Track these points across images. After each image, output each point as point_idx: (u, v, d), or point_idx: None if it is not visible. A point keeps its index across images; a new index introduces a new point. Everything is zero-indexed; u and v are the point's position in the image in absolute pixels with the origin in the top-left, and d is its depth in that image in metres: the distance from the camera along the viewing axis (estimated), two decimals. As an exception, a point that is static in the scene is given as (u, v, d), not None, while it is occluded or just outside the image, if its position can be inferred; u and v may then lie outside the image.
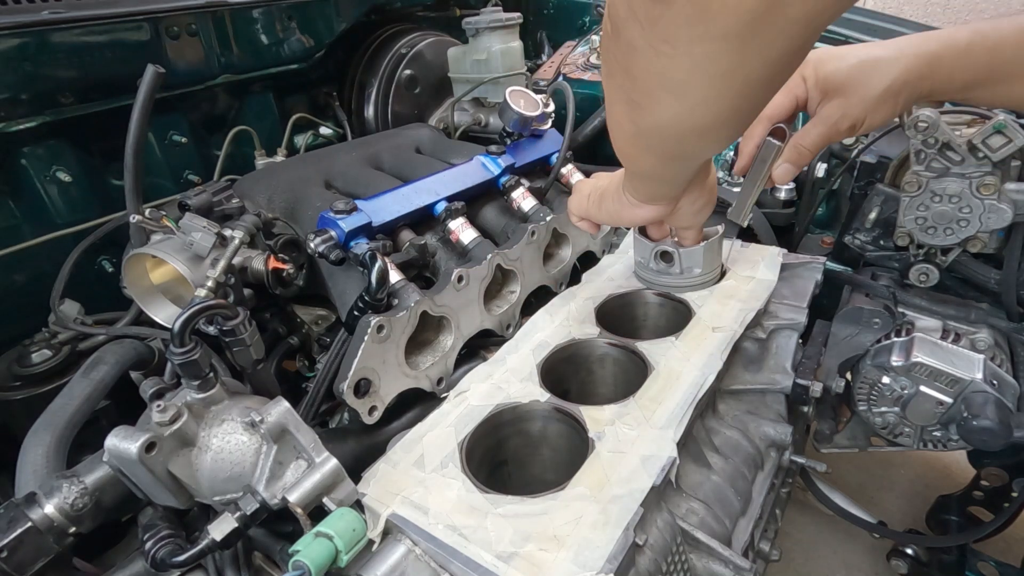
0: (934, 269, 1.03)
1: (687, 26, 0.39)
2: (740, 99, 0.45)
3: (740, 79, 0.43)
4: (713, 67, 0.42)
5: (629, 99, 0.51)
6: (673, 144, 0.56)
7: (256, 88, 1.31)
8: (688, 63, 0.42)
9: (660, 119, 0.50)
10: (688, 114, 0.48)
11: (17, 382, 0.87)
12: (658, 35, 0.41)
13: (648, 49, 0.43)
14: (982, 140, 0.88)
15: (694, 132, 0.51)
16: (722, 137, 0.53)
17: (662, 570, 0.60)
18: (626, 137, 0.58)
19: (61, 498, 0.58)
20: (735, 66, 0.41)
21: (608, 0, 0.47)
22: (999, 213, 0.91)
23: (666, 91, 0.46)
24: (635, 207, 0.78)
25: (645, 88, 0.48)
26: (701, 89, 0.44)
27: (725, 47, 0.39)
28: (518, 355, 0.84)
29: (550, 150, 1.14)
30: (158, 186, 1.16)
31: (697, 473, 0.75)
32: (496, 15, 1.30)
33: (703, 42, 0.39)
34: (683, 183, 0.74)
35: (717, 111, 0.47)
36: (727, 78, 0.43)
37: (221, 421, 0.60)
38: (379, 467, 0.67)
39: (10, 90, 0.91)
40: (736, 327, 0.84)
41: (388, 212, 0.88)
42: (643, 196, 0.77)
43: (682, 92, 0.46)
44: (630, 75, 0.48)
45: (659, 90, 0.47)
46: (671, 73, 0.44)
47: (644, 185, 0.75)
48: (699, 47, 0.40)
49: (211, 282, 0.71)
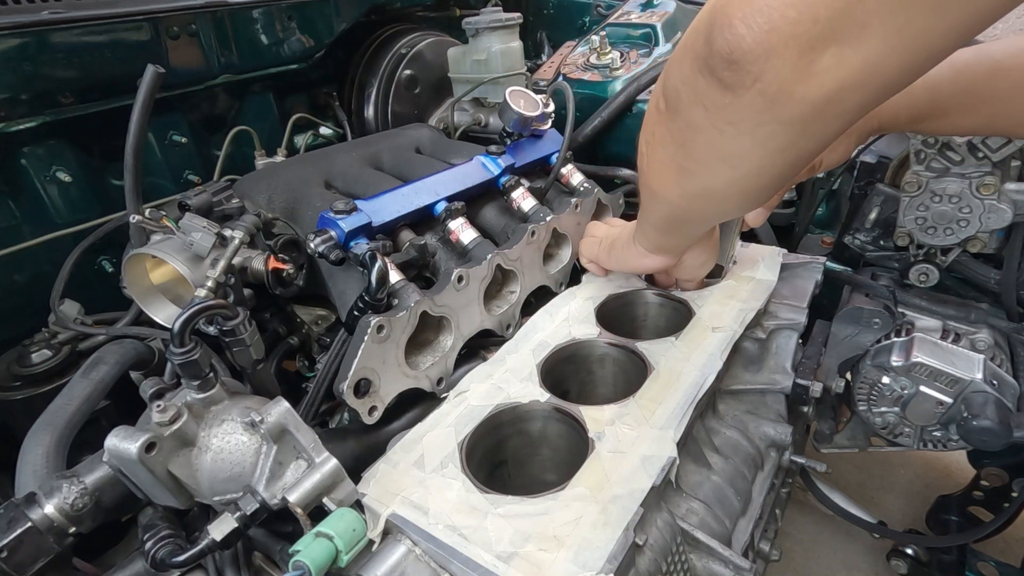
0: (934, 269, 1.03)
1: (754, 113, 0.44)
2: (789, 169, 0.50)
3: (794, 154, 0.47)
4: (773, 144, 0.46)
5: (680, 167, 0.55)
6: (716, 205, 0.61)
7: (256, 88, 1.31)
8: (749, 141, 0.46)
9: (710, 185, 0.55)
10: (739, 181, 0.52)
11: (17, 382, 0.87)
12: (723, 118, 0.46)
13: (711, 129, 0.47)
14: (982, 140, 0.88)
15: (740, 195, 0.56)
16: (761, 199, 0.58)
17: (662, 570, 0.60)
18: (669, 196, 0.62)
19: (61, 498, 0.58)
20: (792, 144, 0.46)
21: (665, 83, 0.52)
22: (999, 213, 0.92)
23: (722, 162, 0.51)
24: (643, 257, 0.84)
25: (700, 159, 0.52)
26: (756, 161, 0.49)
27: (786, 130, 0.44)
28: (518, 355, 0.84)
29: (550, 150, 1.14)
30: (158, 186, 1.16)
31: (697, 473, 0.75)
32: (496, 15, 1.30)
33: (766, 125, 0.44)
34: (694, 239, 0.80)
35: (767, 179, 0.51)
36: (783, 153, 0.47)
37: (221, 421, 0.60)
38: (379, 467, 0.67)
39: (10, 90, 0.91)
40: (736, 327, 0.84)
41: (388, 212, 0.87)
42: (653, 247, 0.82)
43: (737, 163, 0.50)
44: (685, 147, 0.52)
45: (715, 161, 0.51)
46: (731, 148, 0.48)
47: (659, 237, 0.79)
48: (762, 129, 0.45)
49: (211, 282, 0.71)
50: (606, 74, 1.43)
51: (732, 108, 0.44)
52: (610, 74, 1.43)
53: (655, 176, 0.62)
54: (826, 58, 0.39)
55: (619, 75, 1.42)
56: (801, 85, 0.41)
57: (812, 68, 0.40)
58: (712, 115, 0.46)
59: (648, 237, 0.81)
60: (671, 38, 1.52)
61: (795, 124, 0.43)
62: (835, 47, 0.39)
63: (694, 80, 0.46)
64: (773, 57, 0.40)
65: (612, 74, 1.42)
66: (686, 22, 1.60)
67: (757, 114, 0.44)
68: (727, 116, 0.45)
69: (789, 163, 0.49)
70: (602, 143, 1.42)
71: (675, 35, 1.53)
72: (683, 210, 0.65)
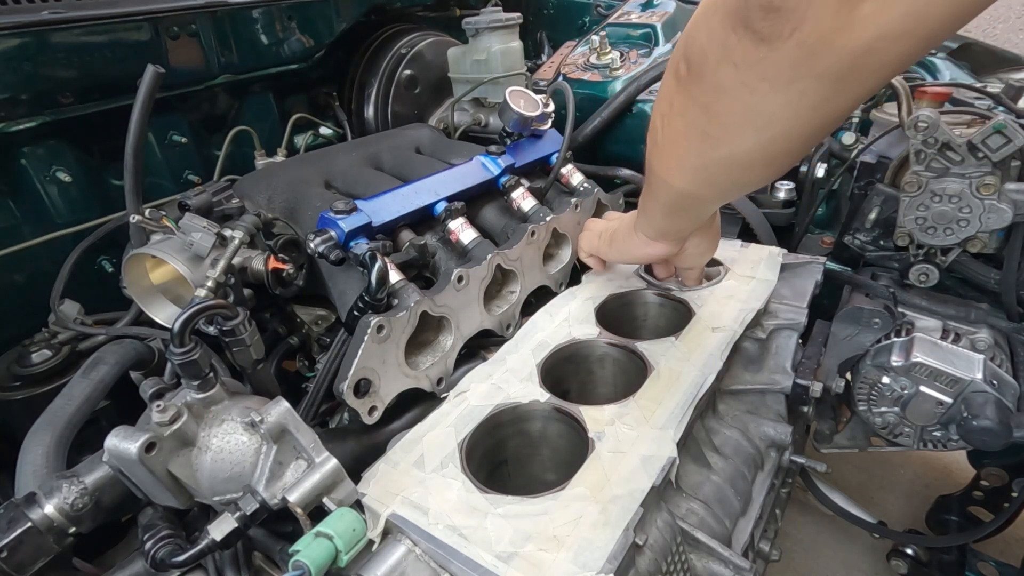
0: (934, 269, 1.03)
1: (790, 67, 0.41)
2: (818, 130, 0.48)
3: (824, 113, 0.45)
4: (804, 102, 0.44)
5: (703, 133, 0.53)
6: (737, 174, 0.57)
7: (256, 88, 1.31)
8: (782, 99, 0.44)
9: (735, 151, 0.52)
10: (765, 145, 0.50)
11: (17, 382, 0.87)
12: (756, 74, 0.43)
13: (741, 88, 0.45)
14: (982, 140, 0.88)
15: (763, 161, 0.53)
16: (783, 167, 0.55)
17: (662, 570, 0.60)
18: (686, 169, 0.59)
19: (61, 498, 0.58)
20: (826, 101, 0.44)
21: (688, 46, 0.49)
22: (999, 213, 0.91)
23: (750, 124, 0.48)
24: (645, 245, 0.83)
25: (726, 123, 0.50)
26: (786, 122, 0.47)
27: (822, 85, 0.42)
28: (518, 355, 0.84)
29: (550, 150, 1.14)
30: (158, 186, 1.16)
31: (697, 473, 0.75)
32: (496, 15, 1.30)
33: (802, 80, 0.42)
34: (700, 221, 0.78)
35: (795, 141, 0.49)
36: (815, 111, 0.45)
37: (221, 421, 0.60)
38: (379, 467, 0.67)
39: (10, 90, 0.91)
40: (736, 327, 0.84)
41: (388, 212, 0.87)
42: (656, 233, 0.80)
43: (765, 125, 0.47)
44: (709, 112, 0.50)
45: (743, 124, 0.49)
46: (760, 108, 0.46)
47: (664, 221, 0.77)
48: (796, 85, 0.43)
49: (211, 282, 0.71)
50: (606, 74, 1.43)
51: (766, 63, 0.42)
52: (610, 74, 1.43)
53: (671, 149, 0.59)
54: (868, 4, 0.37)
55: (619, 75, 1.42)
56: (842, 34, 0.38)
57: (854, 15, 0.37)
58: (743, 72, 0.44)
59: (652, 222, 0.79)
60: (671, 38, 1.52)
61: (832, 78, 0.41)
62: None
63: (724, 36, 0.44)
64: (815, 3, 0.38)
65: (612, 74, 1.43)
66: (686, 22, 1.60)
67: (793, 68, 0.41)
68: (760, 72, 0.43)
69: (820, 123, 0.46)
70: (602, 143, 1.42)
71: (675, 35, 1.53)
72: (699, 184, 0.61)
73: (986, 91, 1.17)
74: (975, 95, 1.19)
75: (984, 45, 1.56)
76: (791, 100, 0.44)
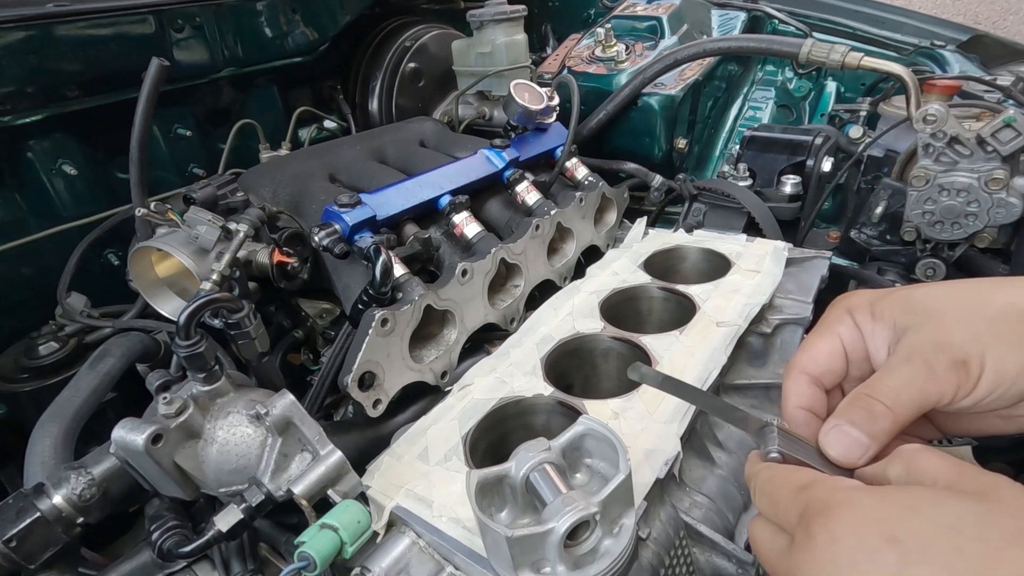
0: (941, 264, 1.03)
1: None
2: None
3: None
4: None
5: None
6: None
7: (260, 81, 1.31)
8: None
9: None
10: None
11: (25, 374, 0.88)
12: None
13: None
14: (991, 134, 0.87)
15: None
16: None
17: (665, 564, 0.60)
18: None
19: (69, 489, 0.58)
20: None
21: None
22: (1008, 208, 0.91)
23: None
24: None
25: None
26: None
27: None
28: (522, 349, 0.84)
29: (554, 143, 1.14)
30: (163, 179, 1.17)
31: (700, 468, 0.75)
32: (500, 8, 1.29)
33: None
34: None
35: None
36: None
37: (227, 413, 0.61)
38: (383, 460, 0.67)
39: (16, 83, 0.91)
40: (740, 322, 0.84)
41: (392, 206, 0.87)
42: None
43: None
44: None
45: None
46: None
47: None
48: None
49: (216, 275, 0.72)
50: (611, 67, 1.42)
51: None
52: (615, 67, 1.42)
53: None
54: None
55: (624, 68, 1.41)
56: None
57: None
58: None
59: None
60: (677, 31, 1.51)
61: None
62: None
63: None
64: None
65: (617, 67, 1.42)
66: (692, 14, 1.59)
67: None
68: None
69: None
70: (607, 136, 1.41)
71: (681, 28, 1.52)
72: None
73: (996, 84, 1.16)
74: (985, 88, 1.18)
75: (994, 37, 1.55)
76: None
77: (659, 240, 1.09)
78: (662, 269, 1.02)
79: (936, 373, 0.42)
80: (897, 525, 0.33)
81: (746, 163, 1.29)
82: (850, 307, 0.49)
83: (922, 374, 0.42)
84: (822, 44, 1.14)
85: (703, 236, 1.10)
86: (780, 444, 0.44)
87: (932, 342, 0.43)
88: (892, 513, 0.34)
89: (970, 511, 0.33)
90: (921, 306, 0.45)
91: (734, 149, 1.32)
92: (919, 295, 0.46)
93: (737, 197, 1.19)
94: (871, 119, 1.35)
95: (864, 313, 0.48)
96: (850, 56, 1.10)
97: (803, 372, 0.50)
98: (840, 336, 0.49)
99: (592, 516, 0.47)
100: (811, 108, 1.67)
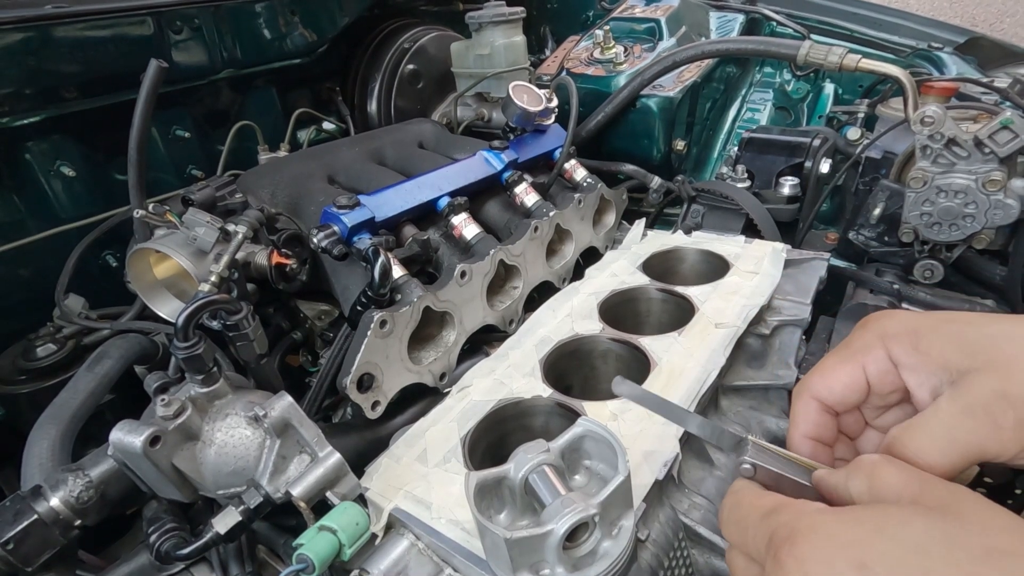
0: (939, 265, 1.03)
1: None
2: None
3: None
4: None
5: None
6: None
7: (259, 83, 1.31)
8: None
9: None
10: None
11: (22, 376, 0.87)
12: None
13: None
14: (989, 135, 0.87)
15: None
16: None
17: (664, 565, 0.60)
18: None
19: (66, 491, 0.58)
20: None
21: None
22: (1005, 209, 0.91)
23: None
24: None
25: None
26: None
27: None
28: (521, 350, 0.84)
29: (553, 145, 1.14)
30: (161, 181, 1.17)
31: (699, 469, 0.75)
32: (499, 9, 1.29)
33: None
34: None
35: None
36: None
37: (225, 415, 0.60)
38: (382, 462, 0.67)
39: (14, 85, 0.91)
40: (739, 323, 0.84)
41: (391, 207, 0.87)
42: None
43: None
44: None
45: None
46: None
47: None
48: None
49: (214, 277, 0.72)
50: (610, 69, 1.42)
51: None
52: (614, 69, 1.42)
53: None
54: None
55: (623, 70, 1.41)
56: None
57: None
58: None
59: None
60: (675, 32, 1.51)
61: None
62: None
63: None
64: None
65: (616, 69, 1.42)
66: (690, 16, 1.59)
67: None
68: None
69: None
70: (606, 138, 1.41)
71: (679, 29, 1.52)
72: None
73: (993, 86, 1.16)
74: (982, 90, 1.18)
75: (992, 40, 1.55)
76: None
77: (658, 241, 1.09)
78: (661, 270, 1.02)
79: (1003, 430, 0.38)
80: (866, 550, 0.33)
81: (744, 165, 1.29)
82: (884, 335, 0.45)
83: (985, 429, 0.39)
84: (820, 46, 1.14)
85: (701, 237, 1.10)
86: (753, 455, 0.44)
87: (999, 393, 0.39)
88: (860, 537, 0.34)
89: (936, 529, 0.33)
90: (981, 347, 0.41)
91: (732, 151, 1.33)
92: (976, 335, 0.42)
93: (735, 199, 1.19)
94: (869, 121, 1.36)
95: (904, 345, 0.44)
96: (848, 58, 1.11)
97: (815, 398, 0.48)
98: (864, 368, 0.46)
99: (591, 518, 0.47)
100: (809, 110, 1.67)
